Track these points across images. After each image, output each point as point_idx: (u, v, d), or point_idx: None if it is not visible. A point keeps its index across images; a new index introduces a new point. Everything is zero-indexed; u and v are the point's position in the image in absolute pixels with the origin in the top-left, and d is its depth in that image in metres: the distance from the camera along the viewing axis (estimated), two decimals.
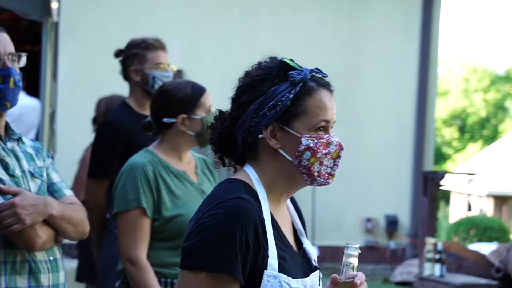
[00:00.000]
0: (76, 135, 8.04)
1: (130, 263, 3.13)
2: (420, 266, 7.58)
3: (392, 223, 10.47)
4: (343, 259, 1.90)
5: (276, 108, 1.96)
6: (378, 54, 10.48)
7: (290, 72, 1.99)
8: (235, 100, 2.04)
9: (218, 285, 1.82)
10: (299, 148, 1.96)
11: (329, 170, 2.00)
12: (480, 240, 18.79)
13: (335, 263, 9.68)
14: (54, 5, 7.27)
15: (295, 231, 2.10)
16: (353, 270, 1.89)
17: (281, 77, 1.99)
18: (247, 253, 1.84)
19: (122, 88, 5.79)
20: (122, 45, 4.21)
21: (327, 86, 2.03)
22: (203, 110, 3.31)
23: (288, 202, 2.13)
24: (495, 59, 66.87)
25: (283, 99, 1.96)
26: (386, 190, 10.46)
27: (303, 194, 10.11)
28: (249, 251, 1.84)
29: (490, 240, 20.06)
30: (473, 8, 72.18)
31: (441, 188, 8.26)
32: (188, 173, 3.34)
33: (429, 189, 7.83)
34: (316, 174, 1.98)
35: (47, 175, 2.82)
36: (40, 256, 2.65)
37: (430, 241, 7.31)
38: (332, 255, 9.94)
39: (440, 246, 7.23)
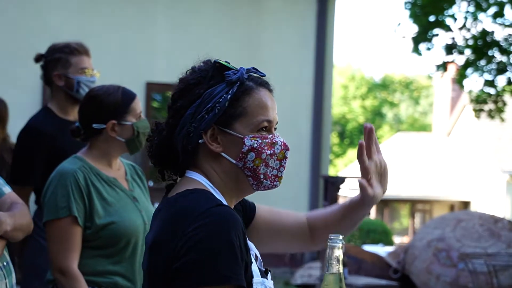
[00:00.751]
0: None
1: (60, 273, 3.04)
2: (322, 269, 7.69)
3: None
4: (327, 252, 1.83)
5: (214, 110, 1.87)
6: (275, 61, 10.60)
7: (226, 72, 1.91)
8: (170, 107, 1.94)
9: None
10: (242, 150, 1.87)
11: (275, 172, 1.91)
12: (364, 243, 19.32)
13: None
14: None
15: None
16: (338, 262, 1.82)
17: (217, 79, 1.91)
18: (242, 259, 1.74)
19: (13, 93, 5.65)
20: (12, 49, 4.11)
21: (265, 85, 1.98)
22: (133, 116, 3.26)
23: None
24: (372, 67, 69.21)
25: (220, 100, 1.87)
26: (284, 195, 10.54)
27: None
28: (244, 257, 1.75)
29: (374, 242, 20.71)
30: (349, 16, 74.36)
31: (339, 192, 8.45)
32: (119, 179, 3.28)
33: (329, 193, 7.98)
34: (262, 176, 1.89)
35: None
36: None
37: None
38: None
39: None
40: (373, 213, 31.50)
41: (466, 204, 31.56)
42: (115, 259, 3.13)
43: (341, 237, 1.83)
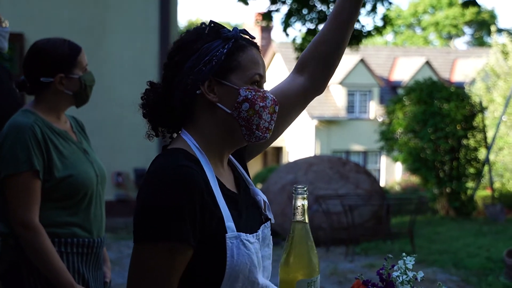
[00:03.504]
0: None
1: (23, 226, 3.04)
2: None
3: (141, 176, 10.63)
4: (293, 202, 1.95)
5: (211, 62, 1.96)
6: (121, 9, 10.50)
7: (222, 30, 2.02)
8: (168, 64, 2.03)
9: (170, 253, 1.82)
10: (237, 100, 1.97)
11: (266, 124, 2.01)
12: None
13: None
14: None
15: (238, 184, 2.12)
16: (303, 212, 1.94)
17: (213, 36, 2.00)
18: (195, 219, 1.83)
19: None
20: None
21: (255, 45, 2.07)
22: (80, 69, 3.28)
23: (230, 156, 2.16)
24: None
25: (217, 54, 1.97)
26: (134, 145, 10.59)
27: None
28: (197, 217, 1.83)
29: None
30: None
31: None
32: (69, 132, 3.30)
33: None
34: (254, 127, 1.99)
35: None
36: None
37: None
38: None
39: None
40: None
41: (278, 150, 32.72)
42: (72, 210, 3.18)
43: (305, 188, 1.97)
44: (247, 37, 2.07)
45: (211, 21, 2.05)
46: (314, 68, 2.30)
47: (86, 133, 3.45)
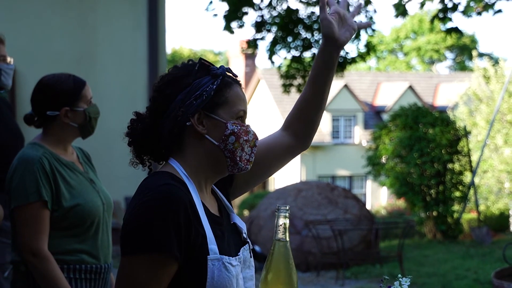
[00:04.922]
0: None
1: (32, 255, 3.15)
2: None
3: None
4: (275, 220, 2.04)
5: (202, 97, 2.09)
6: (109, 40, 10.62)
7: (212, 67, 2.16)
8: (156, 96, 2.14)
9: (156, 265, 1.91)
10: (225, 133, 2.10)
11: (247, 157, 2.16)
12: None
13: None
14: None
15: (220, 210, 2.22)
16: (284, 230, 2.04)
17: (202, 72, 2.14)
18: (180, 234, 1.93)
19: None
20: None
21: (239, 83, 2.22)
22: (85, 102, 3.41)
23: (213, 186, 2.26)
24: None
25: (207, 89, 2.10)
26: (124, 173, 10.63)
27: None
28: (182, 232, 1.94)
29: None
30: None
31: None
32: (75, 163, 3.42)
33: None
34: (238, 158, 2.12)
35: None
36: None
37: None
38: None
39: None
40: None
41: None
42: (80, 238, 3.30)
43: (287, 207, 2.07)
44: (231, 75, 2.22)
45: (200, 59, 2.19)
46: (297, 126, 2.44)
47: (92, 163, 3.58)
